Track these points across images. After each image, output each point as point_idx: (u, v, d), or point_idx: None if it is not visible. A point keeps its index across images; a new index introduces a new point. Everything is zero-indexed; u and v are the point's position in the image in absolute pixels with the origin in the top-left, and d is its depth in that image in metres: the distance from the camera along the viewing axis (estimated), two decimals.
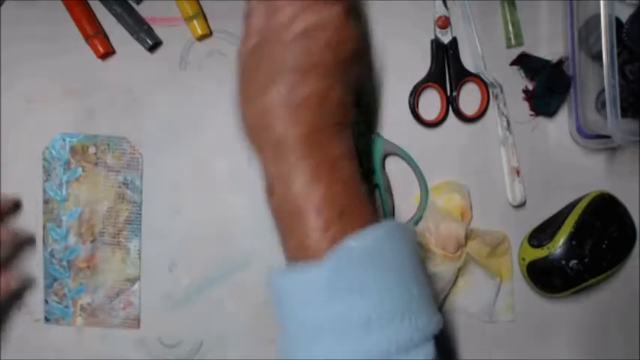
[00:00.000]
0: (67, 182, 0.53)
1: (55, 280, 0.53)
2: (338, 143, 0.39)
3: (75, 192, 0.53)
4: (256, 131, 0.40)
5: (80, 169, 0.53)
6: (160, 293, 0.54)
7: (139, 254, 0.54)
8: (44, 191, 0.53)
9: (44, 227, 0.53)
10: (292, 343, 0.37)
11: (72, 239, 0.53)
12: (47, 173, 0.53)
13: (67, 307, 0.53)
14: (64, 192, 0.53)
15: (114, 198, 0.53)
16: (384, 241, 0.36)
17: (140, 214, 0.54)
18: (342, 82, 0.40)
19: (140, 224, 0.54)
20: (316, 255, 0.36)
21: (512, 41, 0.55)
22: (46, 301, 0.53)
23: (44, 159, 0.53)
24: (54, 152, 0.53)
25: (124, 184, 0.53)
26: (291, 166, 0.38)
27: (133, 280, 0.54)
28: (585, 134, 0.54)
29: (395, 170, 0.55)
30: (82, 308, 0.53)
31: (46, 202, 0.53)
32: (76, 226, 0.53)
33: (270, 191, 0.40)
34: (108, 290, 0.54)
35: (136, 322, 0.54)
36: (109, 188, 0.53)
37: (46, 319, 0.53)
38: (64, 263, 0.53)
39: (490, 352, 0.56)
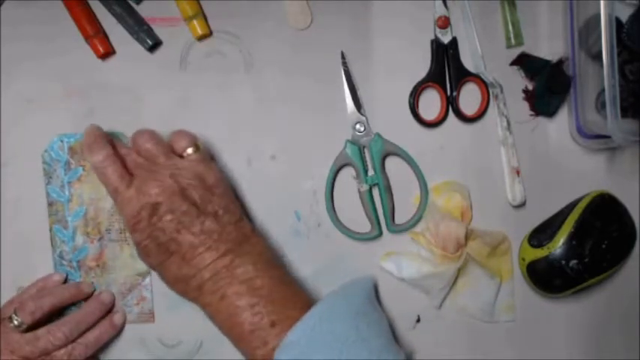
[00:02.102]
0: (69, 183, 0.53)
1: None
2: (242, 265, 0.45)
3: (78, 192, 0.53)
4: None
5: (81, 169, 0.53)
6: (160, 293, 0.54)
7: None
8: (47, 194, 0.53)
9: (51, 229, 0.53)
10: None
11: (79, 239, 0.53)
12: (48, 176, 0.53)
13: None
14: (67, 193, 0.53)
15: None
16: (318, 330, 0.42)
17: None
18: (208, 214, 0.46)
19: None
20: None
21: (512, 41, 0.55)
22: None
23: (44, 162, 0.53)
24: (53, 154, 0.53)
25: None
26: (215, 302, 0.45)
27: (144, 275, 0.54)
28: (585, 134, 0.54)
29: (395, 170, 0.55)
30: None
31: (50, 204, 0.53)
32: (82, 226, 0.53)
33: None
34: (120, 287, 0.54)
35: (151, 316, 0.54)
36: None
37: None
38: (74, 264, 0.53)
39: (490, 352, 0.56)
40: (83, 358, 0.50)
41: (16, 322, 0.48)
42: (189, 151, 0.48)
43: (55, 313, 0.51)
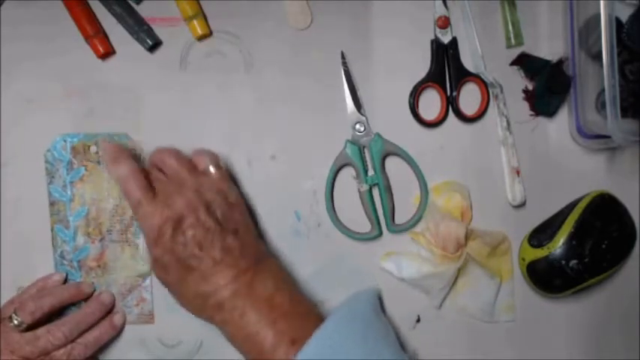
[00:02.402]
0: (71, 183, 0.53)
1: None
2: (262, 281, 0.45)
3: (80, 192, 0.53)
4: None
5: (83, 169, 0.53)
6: (160, 295, 0.54)
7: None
8: (49, 193, 0.53)
9: (52, 229, 0.53)
10: None
11: (80, 239, 0.53)
12: (50, 175, 0.53)
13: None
14: (68, 193, 0.53)
15: (119, 195, 0.53)
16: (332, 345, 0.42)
17: None
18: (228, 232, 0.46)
19: None
20: None
21: (512, 41, 0.55)
22: None
23: (46, 161, 0.53)
24: (55, 154, 0.53)
25: None
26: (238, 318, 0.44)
27: (144, 276, 0.54)
28: (585, 134, 0.54)
29: (395, 170, 0.55)
30: None
31: (51, 204, 0.53)
32: (84, 226, 0.53)
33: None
34: (120, 288, 0.54)
35: (151, 317, 0.54)
36: (113, 186, 0.53)
37: None
38: (75, 264, 0.53)
39: (490, 352, 0.56)
40: (82, 358, 0.50)
41: (15, 322, 0.48)
42: (212, 169, 0.48)
43: (55, 313, 0.51)
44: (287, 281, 0.47)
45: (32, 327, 0.48)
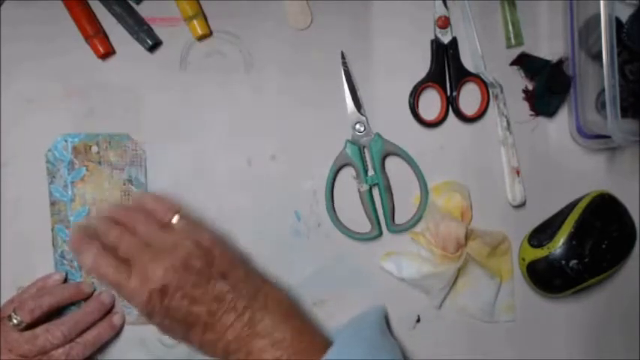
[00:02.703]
0: (72, 183, 0.53)
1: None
2: (262, 319, 0.44)
3: (81, 192, 0.53)
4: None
5: (84, 169, 0.53)
6: None
7: None
8: (50, 193, 0.53)
9: (53, 229, 0.53)
10: None
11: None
12: (51, 175, 0.53)
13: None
14: (69, 193, 0.53)
15: (120, 195, 0.53)
16: None
17: None
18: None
19: None
20: None
21: (512, 41, 0.55)
22: None
23: (47, 161, 0.53)
24: (57, 154, 0.53)
25: (128, 180, 0.53)
26: None
27: None
28: (585, 134, 0.54)
29: (395, 170, 0.55)
30: None
31: (52, 203, 0.53)
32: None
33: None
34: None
35: None
36: (114, 186, 0.53)
37: None
38: (75, 264, 0.53)
39: (490, 352, 0.56)
40: (81, 358, 0.50)
41: (15, 321, 0.48)
42: (175, 219, 0.46)
43: (55, 313, 0.51)
44: (289, 311, 0.46)
45: (31, 326, 0.48)
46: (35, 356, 0.48)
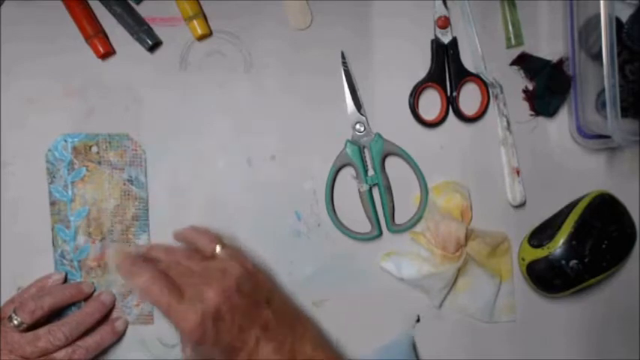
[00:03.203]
0: (72, 183, 0.53)
1: (67, 281, 0.53)
2: (301, 347, 0.45)
3: (81, 192, 0.53)
4: None
5: (84, 169, 0.53)
6: None
7: None
8: (50, 193, 0.53)
9: (53, 229, 0.53)
10: None
11: (81, 239, 0.53)
12: (52, 175, 0.53)
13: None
14: (69, 193, 0.53)
15: (120, 195, 0.53)
16: None
17: (147, 209, 0.54)
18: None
19: (147, 220, 0.54)
20: None
21: (512, 41, 0.55)
22: None
23: (47, 161, 0.53)
24: (57, 154, 0.53)
25: (128, 180, 0.53)
26: None
27: None
28: (585, 134, 0.54)
29: (395, 170, 0.55)
30: None
31: (52, 203, 0.53)
32: (85, 226, 0.53)
33: None
34: (120, 288, 0.54)
35: (150, 318, 0.54)
36: (114, 186, 0.53)
37: None
38: (75, 263, 0.53)
39: (490, 352, 0.56)
40: None
41: (15, 322, 0.48)
42: (218, 249, 0.47)
43: (55, 314, 0.51)
44: (323, 340, 0.48)
45: (32, 327, 0.48)
46: (37, 358, 0.48)
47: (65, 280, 0.53)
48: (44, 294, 0.51)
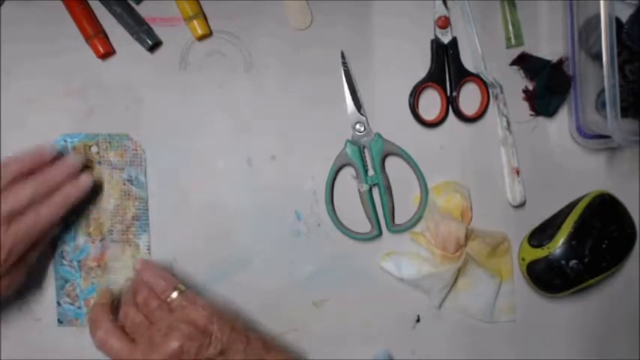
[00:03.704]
0: None
1: (67, 281, 0.53)
2: None
3: None
4: None
5: None
6: None
7: (149, 249, 0.54)
8: None
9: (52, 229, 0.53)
10: None
11: (81, 239, 0.53)
12: None
13: (79, 307, 0.53)
14: None
15: (120, 195, 0.53)
16: None
17: (147, 209, 0.54)
18: None
19: (147, 220, 0.54)
20: None
21: (512, 41, 0.55)
22: (59, 303, 0.53)
23: None
24: None
25: (128, 180, 0.53)
26: None
27: None
28: (585, 134, 0.54)
29: (395, 170, 0.55)
30: None
31: None
32: (84, 226, 0.53)
33: None
34: (120, 288, 0.53)
35: None
36: (114, 186, 0.53)
37: (59, 322, 0.53)
38: (75, 264, 0.53)
39: (490, 352, 0.56)
40: (51, 219, 0.48)
41: None
42: (174, 295, 0.47)
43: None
44: None
45: None
46: (4, 220, 0.46)
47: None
48: (6, 164, 0.48)
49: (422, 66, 0.55)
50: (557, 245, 0.52)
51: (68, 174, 0.49)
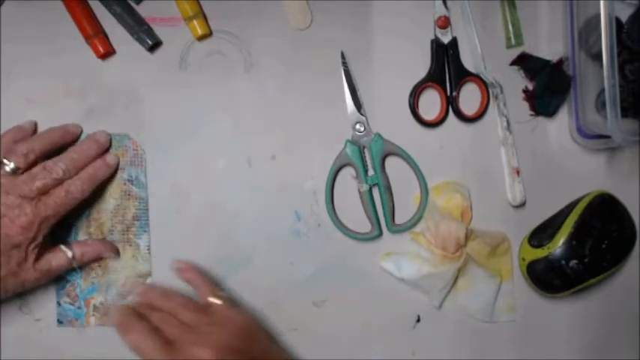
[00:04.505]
0: None
1: (67, 281, 0.53)
2: None
3: None
4: None
5: None
6: None
7: (149, 249, 0.54)
8: None
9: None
10: None
11: (81, 239, 0.53)
12: None
13: (79, 308, 0.53)
14: None
15: (120, 195, 0.53)
16: None
17: (147, 209, 0.54)
18: None
19: (148, 220, 0.54)
20: None
21: (512, 41, 0.55)
22: (59, 304, 0.53)
23: None
24: None
25: (128, 180, 0.53)
26: None
27: (145, 276, 0.54)
28: (585, 134, 0.54)
29: (395, 170, 0.55)
30: (95, 308, 0.53)
31: None
32: (85, 226, 0.53)
33: None
34: (120, 288, 0.54)
35: None
36: (114, 186, 0.53)
37: (59, 322, 0.53)
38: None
39: (490, 352, 0.56)
40: (79, 195, 0.49)
41: (9, 168, 0.46)
42: (215, 300, 0.48)
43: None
44: None
45: (26, 170, 0.47)
46: (36, 195, 0.46)
47: (35, 129, 0.52)
48: (32, 138, 0.49)
49: (422, 66, 0.55)
50: (558, 245, 0.53)
51: (97, 152, 0.51)
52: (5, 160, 0.47)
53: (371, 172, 0.54)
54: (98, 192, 0.53)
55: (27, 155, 0.47)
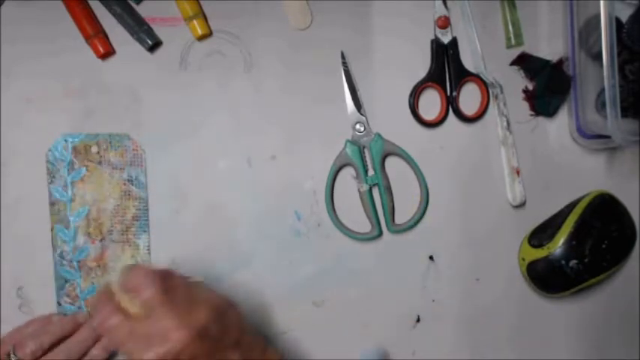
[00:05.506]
0: (72, 183, 0.53)
1: (67, 281, 0.53)
2: None
3: (80, 192, 0.53)
4: None
5: (84, 169, 0.53)
6: None
7: (149, 250, 0.54)
8: (50, 193, 0.53)
9: (52, 229, 0.53)
10: None
11: (81, 239, 0.53)
12: (51, 175, 0.53)
13: (79, 308, 0.53)
14: (69, 193, 0.53)
15: (120, 195, 0.53)
16: None
17: (147, 209, 0.54)
18: None
19: (147, 220, 0.54)
20: None
21: (512, 41, 0.55)
22: (59, 304, 0.53)
23: (48, 161, 0.53)
24: (57, 154, 0.53)
25: (128, 180, 0.53)
26: None
27: None
28: (585, 134, 0.54)
29: (395, 170, 0.55)
30: None
31: (52, 204, 0.53)
32: (84, 226, 0.53)
33: None
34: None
35: None
36: (114, 186, 0.53)
37: None
38: (75, 264, 0.53)
39: (490, 352, 0.56)
40: None
41: None
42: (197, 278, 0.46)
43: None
44: None
45: None
46: None
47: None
48: (43, 333, 0.50)
49: (422, 66, 0.55)
50: (558, 245, 0.52)
51: (94, 340, 0.51)
52: (13, 355, 0.48)
53: (371, 172, 0.54)
54: (98, 192, 0.53)
55: (34, 352, 0.48)
